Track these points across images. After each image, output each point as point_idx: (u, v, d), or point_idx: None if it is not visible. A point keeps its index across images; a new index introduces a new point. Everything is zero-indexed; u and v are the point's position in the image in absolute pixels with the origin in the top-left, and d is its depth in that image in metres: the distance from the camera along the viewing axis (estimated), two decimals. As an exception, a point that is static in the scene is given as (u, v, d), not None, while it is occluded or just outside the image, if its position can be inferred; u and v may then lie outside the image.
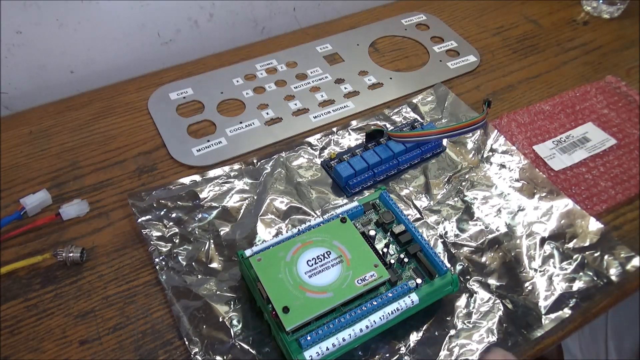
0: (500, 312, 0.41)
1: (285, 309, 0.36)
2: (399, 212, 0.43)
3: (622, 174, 0.52)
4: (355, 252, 0.40)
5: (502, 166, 0.52)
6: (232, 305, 0.41)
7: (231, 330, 0.40)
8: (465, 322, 0.41)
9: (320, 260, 0.39)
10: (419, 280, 0.39)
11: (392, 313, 0.37)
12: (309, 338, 0.36)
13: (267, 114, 0.57)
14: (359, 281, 0.38)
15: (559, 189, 0.50)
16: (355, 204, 0.44)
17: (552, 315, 0.41)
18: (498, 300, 0.42)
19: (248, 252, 0.40)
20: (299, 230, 0.42)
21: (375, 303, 0.37)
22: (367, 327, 0.37)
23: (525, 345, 0.40)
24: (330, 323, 0.36)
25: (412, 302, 0.38)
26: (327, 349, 0.36)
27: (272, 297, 0.37)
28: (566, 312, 0.42)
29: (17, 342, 0.39)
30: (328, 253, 0.40)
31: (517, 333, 0.40)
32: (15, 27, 0.57)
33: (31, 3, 0.56)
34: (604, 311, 0.43)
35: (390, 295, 0.38)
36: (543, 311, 0.42)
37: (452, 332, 0.40)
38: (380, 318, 0.37)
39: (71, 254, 0.43)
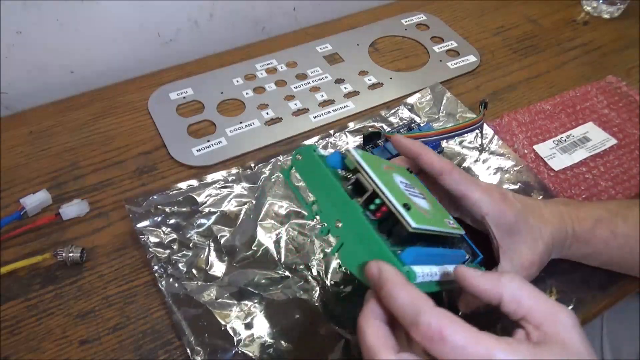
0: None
1: (407, 206, 0.29)
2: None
3: (623, 173, 0.52)
4: (430, 199, 0.35)
5: (499, 168, 0.52)
6: (234, 312, 0.41)
7: (234, 338, 0.39)
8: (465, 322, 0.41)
9: (409, 187, 0.33)
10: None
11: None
12: (413, 256, 0.29)
13: (267, 114, 0.57)
14: (449, 222, 0.34)
15: (554, 191, 0.50)
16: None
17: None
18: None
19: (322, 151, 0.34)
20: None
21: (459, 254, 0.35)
22: (448, 274, 0.32)
23: (526, 345, 0.40)
24: (434, 250, 0.32)
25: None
26: (429, 274, 0.30)
27: (388, 190, 0.30)
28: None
29: (17, 342, 0.39)
30: (411, 186, 0.34)
31: (517, 333, 0.40)
32: (15, 27, 0.57)
33: (31, 3, 0.56)
34: (603, 311, 0.43)
35: (467, 257, 0.36)
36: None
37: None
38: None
39: (71, 254, 0.43)
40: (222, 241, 0.45)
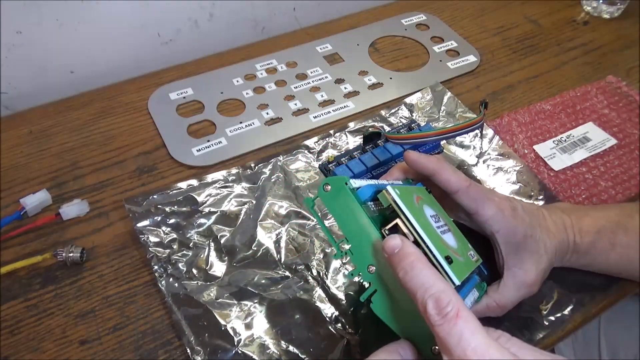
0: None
1: (449, 260, 0.28)
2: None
3: (623, 173, 0.52)
4: (452, 226, 0.35)
5: (499, 169, 0.52)
6: (234, 312, 0.41)
7: (234, 338, 0.39)
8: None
9: (437, 220, 0.32)
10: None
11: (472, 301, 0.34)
12: None
13: (267, 114, 0.57)
14: (471, 255, 0.33)
15: (554, 192, 0.50)
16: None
17: (553, 317, 0.41)
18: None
19: (356, 183, 0.31)
20: (392, 182, 0.35)
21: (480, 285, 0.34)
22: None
23: (526, 345, 0.40)
24: (465, 289, 0.32)
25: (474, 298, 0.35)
26: None
27: (430, 240, 0.28)
28: (566, 312, 0.42)
29: (17, 342, 0.39)
30: (437, 217, 0.33)
31: (518, 334, 0.40)
32: (15, 27, 0.57)
33: (31, 3, 0.56)
34: (603, 311, 0.43)
35: (478, 280, 0.35)
36: (544, 312, 0.42)
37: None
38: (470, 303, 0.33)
39: (71, 254, 0.43)
40: (222, 241, 0.45)
